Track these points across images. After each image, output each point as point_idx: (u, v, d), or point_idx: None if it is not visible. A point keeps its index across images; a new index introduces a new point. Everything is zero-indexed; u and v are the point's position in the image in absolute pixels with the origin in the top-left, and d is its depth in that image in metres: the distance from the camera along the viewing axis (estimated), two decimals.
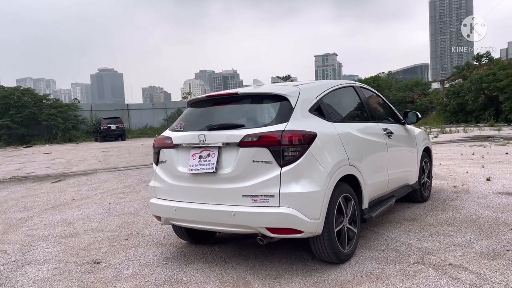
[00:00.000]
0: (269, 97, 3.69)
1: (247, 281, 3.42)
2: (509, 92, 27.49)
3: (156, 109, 41.70)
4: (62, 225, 5.64)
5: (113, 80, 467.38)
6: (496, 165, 8.74)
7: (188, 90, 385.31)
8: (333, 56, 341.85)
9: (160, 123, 40.40)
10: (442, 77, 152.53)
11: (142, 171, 11.07)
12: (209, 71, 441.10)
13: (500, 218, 4.78)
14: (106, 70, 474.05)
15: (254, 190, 3.32)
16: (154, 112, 41.14)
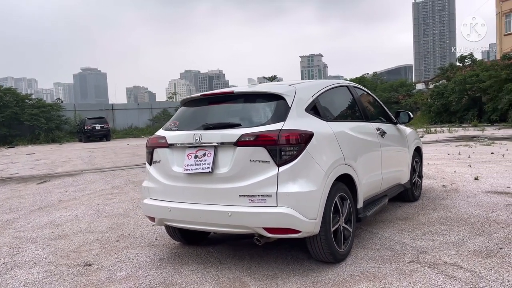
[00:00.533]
0: (265, 96, 3.66)
1: (244, 282, 3.38)
2: (492, 93, 27.95)
3: (142, 109, 41.30)
4: (50, 226, 5.52)
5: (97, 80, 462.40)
6: (483, 165, 8.87)
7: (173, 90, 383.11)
8: (318, 57, 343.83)
9: (145, 123, 40.06)
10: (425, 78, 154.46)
11: (129, 172, 10.94)
12: (194, 71, 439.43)
13: (491, 216, 4.84)
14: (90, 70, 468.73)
15: (251, 190, 3.28)
16: (139, 112, 40.75)
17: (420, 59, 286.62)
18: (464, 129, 23.41)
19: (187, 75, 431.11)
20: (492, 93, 28.01)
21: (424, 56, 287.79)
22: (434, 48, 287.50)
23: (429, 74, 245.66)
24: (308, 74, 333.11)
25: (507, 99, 26.35)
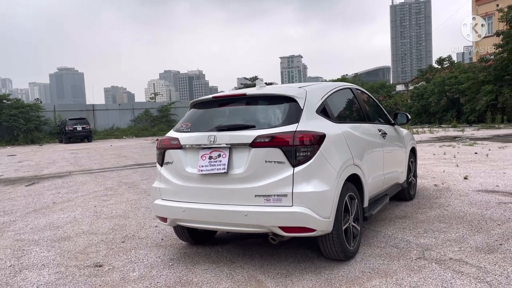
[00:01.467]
0: (278, 98, 3.74)
1: (259, 280, 3.46)
2: (469, 94, 28.72)
3: (123, 110, 40.90)
4: (50, 228, 5.48)
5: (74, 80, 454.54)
6: (469, 164, 9.15)
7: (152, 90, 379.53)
8: (298, 58, 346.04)
9: (127, 124, 39.69)
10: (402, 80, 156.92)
11: (119, 173, 10.87)
12: (174, 71, 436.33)
13: (486, 214, 5.03)
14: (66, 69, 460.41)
15: (267, 190, 3.36)
16: (121, 112, 40.35)
17: (397, 61, 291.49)
18: (444, 129, 23.98)
19: (167, 75, 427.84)
20: (470, 95, 28.78)
21: (401, 58, 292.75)
22: (411, 50, 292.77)
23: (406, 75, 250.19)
24: (288, 75, 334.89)
25: (484, 101, 27.14)
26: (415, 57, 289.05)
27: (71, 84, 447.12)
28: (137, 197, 7.33)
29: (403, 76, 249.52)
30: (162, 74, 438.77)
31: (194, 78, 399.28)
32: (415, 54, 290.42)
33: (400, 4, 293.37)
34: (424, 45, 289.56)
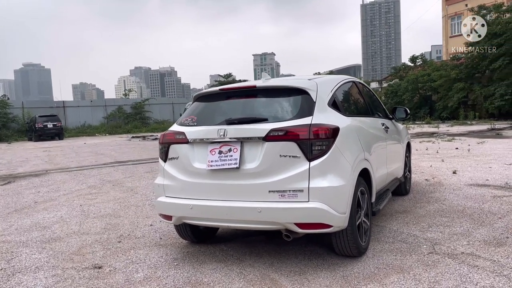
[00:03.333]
0: (289, 90, 3.62)
1: (273, 278, 3.34)
2: (442, 92, 29.42)
3: (95, 107, 39.88)
4: (37, 229, 5.19)
5: (40, 76, 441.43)
6: (454, 159, 9.29)
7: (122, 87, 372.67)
8: (271, 55, 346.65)
9: (99, 121, 38.74)
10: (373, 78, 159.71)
11: (100, 171, 10.51)
12: (145, 67, 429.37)
13: (484, 208, 5.07)
14: (32, 65, 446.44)
15: (282, 185, 3.24)
16: (93, 109, 39.33)
17: (368, 59, 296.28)
18: (419, 126, 24.43)
19: (137, 72, 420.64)
20: (442, 92, 29.49)
21: (372, 56, 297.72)
22: (381, 49, 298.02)
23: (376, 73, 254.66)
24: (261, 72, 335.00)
25: (456, 98, 27.85)
26: (385, 55, 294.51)
27: (37, 80, 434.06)
28: (124, 195, 7.07)
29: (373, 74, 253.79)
30: (132, 70, 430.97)
31: (166, 74, 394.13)
32: (385, 53, 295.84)
33: (370, 3, 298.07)
34: (393, 44, 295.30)
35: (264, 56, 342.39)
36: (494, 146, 11.59)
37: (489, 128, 18.78)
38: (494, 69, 26.14)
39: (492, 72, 26.67)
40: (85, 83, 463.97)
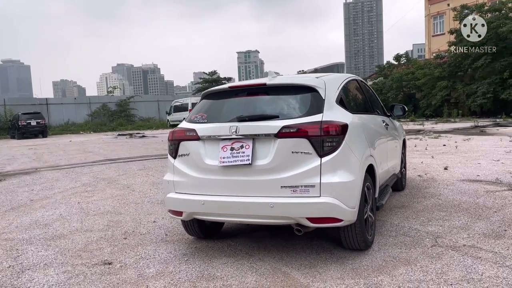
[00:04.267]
0: (298, 88, 3.70)
1: (284, 272, 3.42)
2: (425, 90, 29.91)
3: (79, 104, 39.38)
4: (38, 227, 5.17)
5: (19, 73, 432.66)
6: (443, 156, 9.52)
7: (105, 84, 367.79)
8: (255, 53, 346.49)
9: (83, 119, 38.28)
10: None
11: (91, 169, 10.43)
12: (127, 64, 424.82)
13: (479, 202, 5.24)
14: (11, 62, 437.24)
15: (294, 181, 3.32)
16: (77, 107, 38.84)
17: (351, 57, 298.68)
18: (404, 123, 24.79)
19: (120, 69, 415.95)
20: (426, 90, 29.98)
21: (355, 54, 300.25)
22: (363, 47, 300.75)
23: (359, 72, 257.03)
24: (245, 70, 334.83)
25: (440, 96, 28.35)
26: (368, 54, 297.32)
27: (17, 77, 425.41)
28: (121, 193, 7.07)
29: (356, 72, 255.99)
30: (115, 67, 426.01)
31: (149, 72, 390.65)
32: (367, 51, 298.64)
33: (353, 1, 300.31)
34: (376, 42, 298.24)
35: (248, 54, 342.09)
36: (480, 143, 11.89)
37: (473, 126, 19.20)
38: (476, 68, 26.69)
39: (474, 70, 27.23)
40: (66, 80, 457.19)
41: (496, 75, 25.45)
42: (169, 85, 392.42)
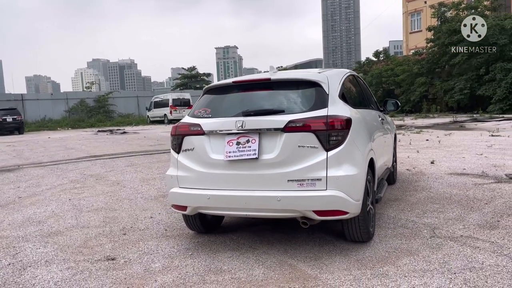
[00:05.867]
0: (302, 83, 3.74)
1: (291, 264, 3.47)
2: (404, 86, 30.45)
3: (56, 100, 38.48)
4: (32, 224, 5.09)
5: None
6: (428, 150, 9.74)
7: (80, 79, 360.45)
8: (234, 49, 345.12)
9: (61, 115, 37.44)
10: None
11: (77, 166, 10.26)
12: (103, 60, 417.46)
13: (469, 195, 5.40)
14: None
15: (301, 174, 3.37)
16: (54, 103, 37.95)
17: (329, 54, 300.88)
18: None
19: (95, 64, 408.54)
20: (405, 86, 30.53)
21: (333, 51, 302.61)
22: (341, 44, 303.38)
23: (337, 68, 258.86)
24: (224, 66, 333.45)
25: (418, 92, 28.92)
26: (345, 50, 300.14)
27: None
28: (111, 189, 6.99)
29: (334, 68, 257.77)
30: (90, 62, 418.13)
31: (126, 67, 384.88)
32: (345, 48, 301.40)
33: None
34: (353, 39, 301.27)
35: (226, 49, 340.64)
36: (461, 138, 12.20)
37: (452, 121, 19.66)
38: (453, 65, 27.29)
39: (452, 67, 27.85)
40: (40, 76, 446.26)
41: (473, 72, 26.11)
42: (146, 80, 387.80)
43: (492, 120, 19.02)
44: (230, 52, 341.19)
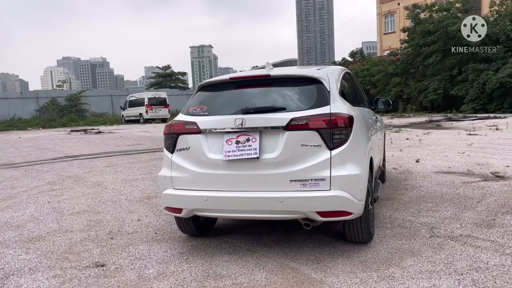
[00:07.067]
0: (303, 79, 3.61)
1: (293, 267, 3.34)
2: (380, 86, 30.84)
3: (26, 99, 37.23)
4: (10, 228, 4.79)
5: None
6: (410, 149, 9.80)
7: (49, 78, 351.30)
8: (208, 48, 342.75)
9: (31, 114, 36.25)
10: None
11: (52, 166, 9.85)
12: (74, 58, 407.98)
13: (460, 193, 5.40)
14: None
15: (303, 174, 3.24)
16: (23, 102, 36.71)
17: (303, 54, 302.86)
18: None
19: (66, 62, 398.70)
20: (380, 86, 30.90)
21: (307, 51, 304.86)
22: (315, 44, 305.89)
23: None
24: (198, 65, 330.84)
25: (394, 92, 29.31)
26: (320, 51, 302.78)
27: None
28: (92, 191, 6.70)
29: None
30: (60, 61, 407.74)
31: (97, 65, 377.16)
32: (319, 48, 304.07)
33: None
34: (327, 40, 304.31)
35: (201, 49, 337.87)
36: (440, 136, 12.37)
37: (428, 120, 19.99)
38: (427, 65, 27.79)
39: (426, 67, 28.35)
40: (7, 74, 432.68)
41: (446, 72, 26.64)
42: (119, 79, 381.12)
43: (466, 120, 19.43)
44: (205, 51, 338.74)
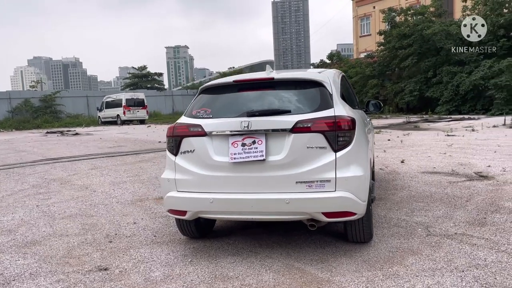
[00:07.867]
0: (306, 82, 3.67)
1: (299, 268, 3.39)
2: (357, 87, 31.31)
3: None
4: (1, 233, 4.68)
5: None
6: (393, 150, 10.02)
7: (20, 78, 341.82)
8: (184, 48, 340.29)
9: (3, 115, 35.25)
10: None
11: (34, 169, 9.64)
12: (45, 57, 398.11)
13: (448, 193, 5.57)
14: None
15: (309, 176, 3.30)
16: None
17: (279, 56, 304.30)
18: None
19: (37, 62, 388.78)
20: (357, 88, 31.37)
21: (283, 53, 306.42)
22: (291, 46, 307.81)
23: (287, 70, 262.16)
24: (174, 65, 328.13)
25: (371, 93, 29.85)
26: (296, 52, 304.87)
27: None
28: (81, 194, 6.60)
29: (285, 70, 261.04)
30: (31, 60, 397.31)
31: (70, 66, 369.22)
32: (295, 50, 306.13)
33: (281, 0, 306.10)
34: (303, 42, 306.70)
35: (177, 49, 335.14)
36: (420, 137, 12.68)
37: (405, 121, 20.44)
38: (403, 68, 28.43)
39: (402, 70, 28.99)
40: None
41: (421, 75, 27.30)
42: (92, 80, 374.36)
43: (442, 121, 19.96)
44: (181, 52, 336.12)
